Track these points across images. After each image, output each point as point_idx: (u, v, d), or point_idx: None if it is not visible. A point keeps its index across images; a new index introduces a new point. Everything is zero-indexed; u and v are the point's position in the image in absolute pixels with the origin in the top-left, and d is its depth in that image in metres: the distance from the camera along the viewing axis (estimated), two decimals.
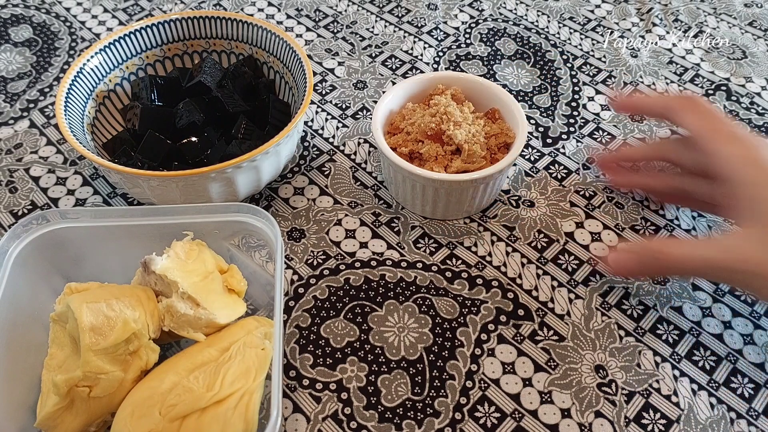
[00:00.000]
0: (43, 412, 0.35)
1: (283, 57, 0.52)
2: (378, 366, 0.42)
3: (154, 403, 0.35)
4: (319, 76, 0.61)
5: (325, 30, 0.65)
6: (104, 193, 0.51)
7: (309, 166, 0.54)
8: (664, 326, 0.45)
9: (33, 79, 0.60)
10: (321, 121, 0.57)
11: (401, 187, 0.48)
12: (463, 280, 0.47)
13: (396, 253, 0.48)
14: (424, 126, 0.47)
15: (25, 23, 0.65)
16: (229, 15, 0.53)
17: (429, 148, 0.47)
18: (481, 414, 0.41)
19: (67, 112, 0.47)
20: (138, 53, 0.53)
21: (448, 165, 0.47)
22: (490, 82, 0.51)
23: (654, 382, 0.42)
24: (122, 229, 0.41)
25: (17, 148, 0.54)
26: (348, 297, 0.46)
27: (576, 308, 0.45)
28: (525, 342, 0.44)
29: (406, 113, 0.50)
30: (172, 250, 0.39)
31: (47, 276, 0.41)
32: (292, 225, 0.50)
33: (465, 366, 0.43)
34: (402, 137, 0.49)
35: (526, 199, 0.52)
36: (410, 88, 0.51)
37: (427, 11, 0.67)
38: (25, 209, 0.50)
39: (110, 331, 0.35)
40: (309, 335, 0.44)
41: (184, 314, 0.37)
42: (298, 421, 0.40)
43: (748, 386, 0.42)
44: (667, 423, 0.40)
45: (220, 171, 0.43)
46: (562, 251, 0.48)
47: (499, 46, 0.64)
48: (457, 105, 0.49)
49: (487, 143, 0.48)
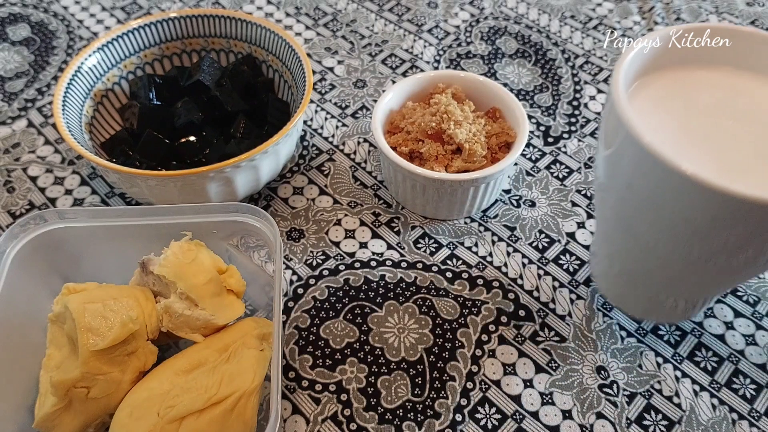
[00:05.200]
0: (41, 413, 0.35)
1: (283, 56, 0.52)
2: (378, 367, 0.42)
3: (152, 404, 0.35)
4: (319, 75, 0.60)
5: (325, 28, 0.65)
6: (102, 193, 0.51)
7: (308, 165, 0.53)
8: (665, 327, 0.44)
9: (31, 78, 0.59)
10: (320, 120, 0.57)
11: (401, 186, 0.48)
12: (463, 281, 0.46)
13: (396, 253, 0.48)
14: (425, 125, 0.47)
15: (22, 22, 0.65)
16: (227, 13, 0.53)
17: (429, 147, 0.47)
18: (482, 415, 0.40)
19: (65, 111, 0.46)
20: (136, 52, 0.53)
21: (448, 164, 0.47)
22: (491, 80, 0.51)
23: (656, 383, 0.42)
24: (120, 229, 0.41)
25: (15, 148, 0.54)
26: (348, 297, 0.45)
27: (577, 309, 0.45)
28: (526, 343, 0.43)
29: (406, 112, 0.50)
30: (170, 250, 0.39)
31: (45, 276, 0.41)
32: (292, 225, 0.49)
33: (465, 367, 0.42)
34: (402, 136, 0.48)
35: (527, 198, 0.51)
36: (410, 87, 0.51)
37: (428, 9, 0.67)
38: (23, 209, 0.50)
39: (108, 331, 0.35)
40: (308, 336, 0.43)
41: (183, 315, 0.37)
42: (297, 423, 0.40)
43: (750, 387, 0.42)
44: (668, 424, 0.40)
45: (218, 170, 0.43)
46: (563, 251, 0.48)
47: (500, 44, 0.64)
48: (458, 104, 0.49)
49: (488, 142, 0.47)
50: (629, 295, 0.43)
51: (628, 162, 0.33)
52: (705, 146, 0.33)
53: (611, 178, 0.35)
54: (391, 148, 0.47)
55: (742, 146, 0.33)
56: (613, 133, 0.33)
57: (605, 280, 0.44)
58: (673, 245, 0.34)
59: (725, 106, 0.34)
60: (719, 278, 0.37)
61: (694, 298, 0.40)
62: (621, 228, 0.37)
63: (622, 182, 0.34)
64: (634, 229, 0.36)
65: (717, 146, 0.33)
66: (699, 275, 0.36)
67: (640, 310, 0.43)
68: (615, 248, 0.40)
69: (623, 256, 0.40)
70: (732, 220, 0.30)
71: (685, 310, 0.42)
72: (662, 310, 0.42)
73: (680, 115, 0.34)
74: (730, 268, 0.34)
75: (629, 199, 0.34)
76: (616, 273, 0.42)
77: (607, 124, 0.34)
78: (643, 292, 0.41)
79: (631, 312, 0.44)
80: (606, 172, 0.36)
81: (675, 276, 0.37)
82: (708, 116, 0.34)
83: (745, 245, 0.32)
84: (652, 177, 0.31)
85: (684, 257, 0.34)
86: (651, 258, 0.36)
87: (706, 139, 0.33)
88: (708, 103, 0.35)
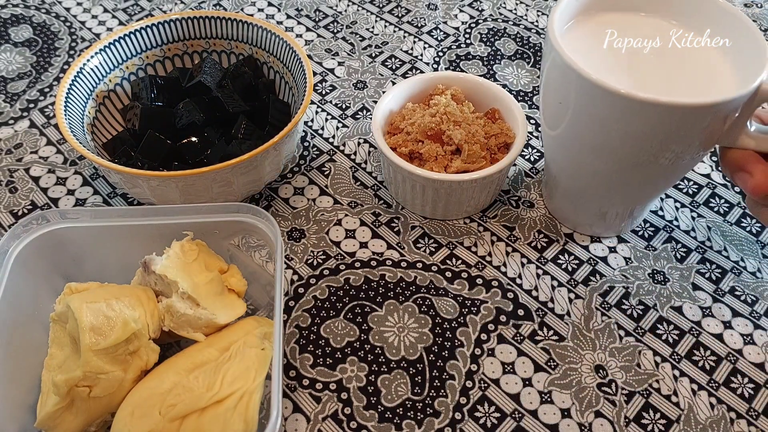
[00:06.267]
0: (43, 412, 0.35)
1: (283, 57, 0.52)
2: (378, 366, 0.42)
3: (154, 403, 0.35)
4: (319, 76, 0.61)
5: (325, 30, 0.65)
6: (104, 193, 0.51)
7: (309, 166, 0.54)
8: (664, 326, 0.45)
9: (33, 79, 0.60)
10: (321, 121, 0.57)
11: (401, 187, 0.48)
12: (463, 280, 0.47)
13: (396, 253, 0.48)
14: (424, 126, 0.47)
15: (25, 23, 0.65)
16: (229, 15, 0.54)
17: (429, 148, 0.47)
18: (481, 414, 0.41)
19: (67, 112, 0.47)
20: (138, 53, 0.53)
21: (448, 165, 0.47)
22: (490, 82, 0.51)
23: (654, 382, 0.42)
24: (122, 229, 0.41)
25: (17, 148, 0.54)
26: (348, 297, 0.46)
27: (576, 308, 0.45)
28: (525, 342, 0.44)
29: (406, 113, 0.50)
30: (172, 250, 0.39)
31: (47, 276, 0.41)
32: (292, 225, 0.50)
33: (465, 366, 0.43)
34: (402, 137, 0.49)
35: (525, 199, 0.52)
36: (410, 88, 0.51)
37: (427, 11, 0.67)
38: (25, 209, 0.50)
39: (110, 331, 0.35)
40: (309, 335, 0.44)
41: (184, 314, 0.37)
42: (298, 421, 0.40)
43: (748, 386, 0.42)
44: (666, 423, 0.40)
45: (219, 171, 0.43)
46: (561, 251, 0.48)
47: (499, 46, 0.64)
48: (457, 105, 0.49)
49: (487, 143, 0.48)
50: (573, 211, 0.49)
51: (555, 79, 0.40)
52: (621, 67, 0.40)
53: (546, 96, 0.43)
54: (391, 148, 0.48)
55: (653, 70, 0.40)
56: (549, 60, 0.40)
57: (553, 202, 0.50)
58: (598, 153, 0.41)
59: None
60: (643, 184, 0.44)
61: (628, 206, 0.46)
62: (558, 146, 0.45)
63: (555, 100, 0.41)
64: (567, 145, 0.43)
65: (630, 68, 0.40)
66: (626, 181, 0.43)
67: (586, 225, 0.49)
68: (556, 169, 0.47)
69: (563, 175, 0.46)
70: (644, 125, 0.37)
71: (623, 219, 0.48)
72: (602, 223, 0.48)
73: (605, 46, 0.42)
74: (647, 172, 0.41)
75: (561, 115, 0.41)
76: (561, 194, 0.48)
77: (545, 56, 0.41)
78: (583, 206, 0.47)
79: (578, 228, 0.49)
80: (543, 94, 0.43)
81: (606, 185, 0.44)
82: (625, 48, 0.42)
83: (656, 143, 0.38)
84: (578, 92, 0.38)
85: (611, 164, 0.42)
86: (584, 171, 0.44)
87: (621, 62, 0.41)
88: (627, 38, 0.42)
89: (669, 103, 0.35)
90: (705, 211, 0.51)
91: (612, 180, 0.43)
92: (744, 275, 0.47)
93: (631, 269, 0.48)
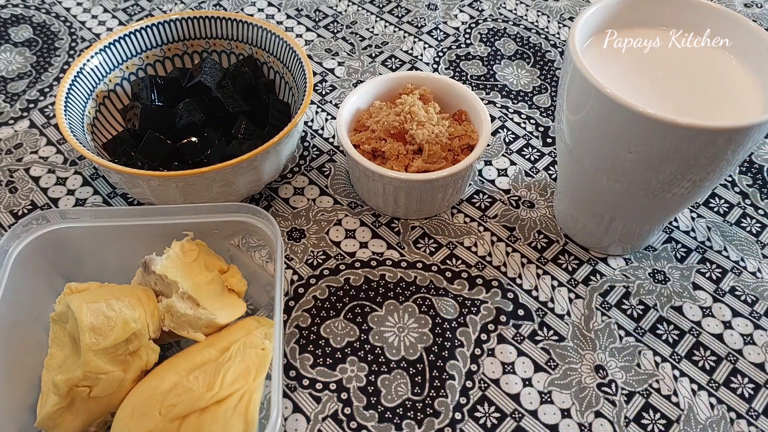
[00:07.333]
0: (43, 412, 0.35)
1: (283, 57, 0.52)
2: (378, 366, 0.42)
3: (154, 403, 0.35)
4: (319, 76, 0.61)
5: (325, 30, 0.65)
6: (104, 193, 0.51)
7: (309, 166, 0.54)
8: (664, 326, 0.45)
9: (33, 79, 0.60)
10: (321, 121, 0.57)
11: (363, 184, 0.48)
12: (463, 280, 0.47)
13: (396, 253, 0.48)
14: (388, 124, 0.47)
15: (25, 23, 0.65)
16: (229, 15, 0.54)
17: (391, 146, 0.47)
18: (481, 414, 0.41)
19: (67, 112, 0.47)
20: (138, 53, 0.53)
21: (409, 164, 0.47)
22: (459, 83, 0.51)
23: (654, 382, 0.42)
24: (122, 229, 0.41)
25: (17, 148, 0.54)
26: (348, 297, 0.46)
27: (576, 308, 0.45)
28: (525, 342, 0.44)
29: (373, 111, 0.50)
30: (172, 250, 0.39)
31: (47, 276, 0.41)
32: (292, 225, 0.50)
33: (465, 366, 0.43)
34: (366, 135, 0.48)
35: (526, 200, 0.52)
36: (379, 86, 0.51)
37: (427, 11, 0.67)
38: (25, 209, 0.50)
39: (110, 331, 0.35)
40: (309, 335, 0.44)
41: (184, 314, 0.37)
42: (298, 421, 0.40)
43: (748, 386, 0.42)
44: (666, 423, 0.40)
45: (220, 171, 0.43)
46: (561, 251, 0.48)
47: (499, 46, 0.64)
48: (423, 105, 0.49)
49: (450, 144, 0.48)
50: (585, 226, 0.48)
51: (577, 96, 0.39)
52: (640, 85, 0.40)
53: (562, 112, 0.42)
54: (354, 146, 0.48)
55: (668, 88, 0.40)
56: (571, 80, 0.39)
57: (565, 217, 0.49)
58: (612, 171, 0.40)
59: (657, 57, 0.42)
60: (651, 205, 0.42)
61: (642, 226, 0.46)
62: (573, 160, 0.43)
63: (575, 114, 0.41)
64: (583, 161, 0.42)
65: (651, 87, 0.40)
66: (639, 202, 0.42)
67: (597, 242, 0.48)
68: (571, 184, 0.46)
69: (578, 191, 0.46)
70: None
71: (637, 237, 0.47)
72: (614, 239, 0.47)
73: (624, 63, 0.42)
74: (660, 193, 0.40)
75: (579, 131, 0.41)
76: (574, 208, 0.48)
77: (564, 73, 0.40)
78: (596, 223, 0.46)
79: (589, 245, 0.49)
80: (561, 109, 0.42)
81: (619, 203, 0.43)
82: (645, 64, 0.42)
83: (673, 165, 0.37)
84: (598, 109, 0.38)
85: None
86: (597, 188, 0.43)
87: (642, 80, 0.41)
88: (645, 54, 0.42)
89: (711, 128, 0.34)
90: (705, 211, 0.51)
91: (642, 203, 0.42)
92: (744, 275, 0.47)
93: (631, 269, 0.48)
